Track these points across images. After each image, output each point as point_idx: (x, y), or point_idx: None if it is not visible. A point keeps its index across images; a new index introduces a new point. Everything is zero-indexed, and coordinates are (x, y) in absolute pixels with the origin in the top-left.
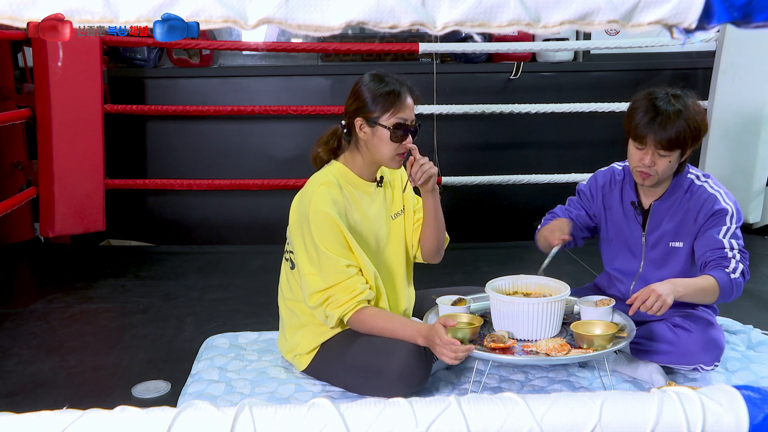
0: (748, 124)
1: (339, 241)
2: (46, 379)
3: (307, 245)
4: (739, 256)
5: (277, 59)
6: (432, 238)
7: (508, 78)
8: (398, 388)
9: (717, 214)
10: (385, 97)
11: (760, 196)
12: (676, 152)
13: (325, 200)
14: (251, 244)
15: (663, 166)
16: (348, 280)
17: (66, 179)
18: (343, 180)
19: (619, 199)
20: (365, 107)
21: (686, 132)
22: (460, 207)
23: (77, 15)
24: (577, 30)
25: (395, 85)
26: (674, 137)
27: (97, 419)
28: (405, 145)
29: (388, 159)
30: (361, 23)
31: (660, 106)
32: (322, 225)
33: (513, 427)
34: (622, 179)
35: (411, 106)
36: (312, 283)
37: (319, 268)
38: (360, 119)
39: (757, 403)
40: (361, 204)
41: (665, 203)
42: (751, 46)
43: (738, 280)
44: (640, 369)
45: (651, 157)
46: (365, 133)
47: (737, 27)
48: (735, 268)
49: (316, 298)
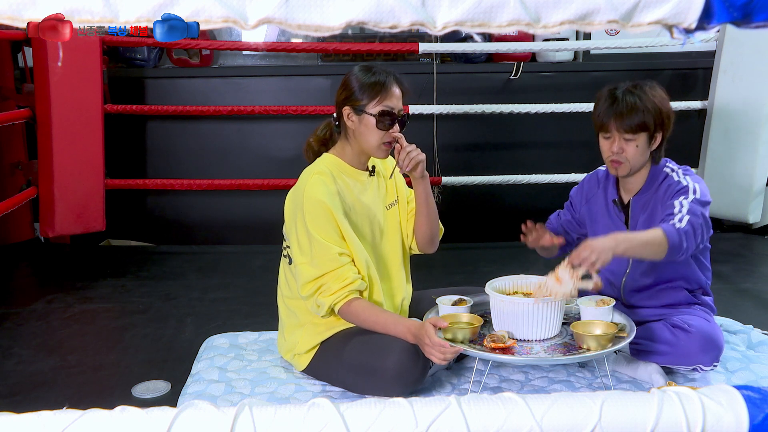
0: (748, 124)
1: (333, 228)
2: (46, 379)
3: (300, 234)
4: (686, 212)
5: (277, 59)
6: (425, 226)
7: (508, 78)
8: (395, 387)
9: (678, 190)
10: (372, 86)
11: (760, 196)
12: (641, 135)
13: (318, 188)
14: (251, 244)
15: (631, 152)
16: (340, 269)
17: (66, 179)
18: (335, 170)
19: (603, 200)
20: (352, 96)
21: (646, 114)
22: (460, 207)
23: (77, 15)
24: (577, 30)
25: (382, 75)
26: (636, 120)
27: (97, 419)
28: (391, 134)
29: (375, 147)
30: (361, 23)
31: (618, 94)
32: (315, 212)
33: (513, 427)
34: (605, 179)
35: (398, 96)
36: (304, 273)
37: (311, 257)
38: (348, 108)
39: (757, 403)
40: (354, 191)
41: (642, 198)
42: (751, 46)
43: (685, 230)
44: (640, 369)
45: (618, 143)
46: (353, 122)
47: (737, 27)
48: (681, 218)
49: (309, 287)
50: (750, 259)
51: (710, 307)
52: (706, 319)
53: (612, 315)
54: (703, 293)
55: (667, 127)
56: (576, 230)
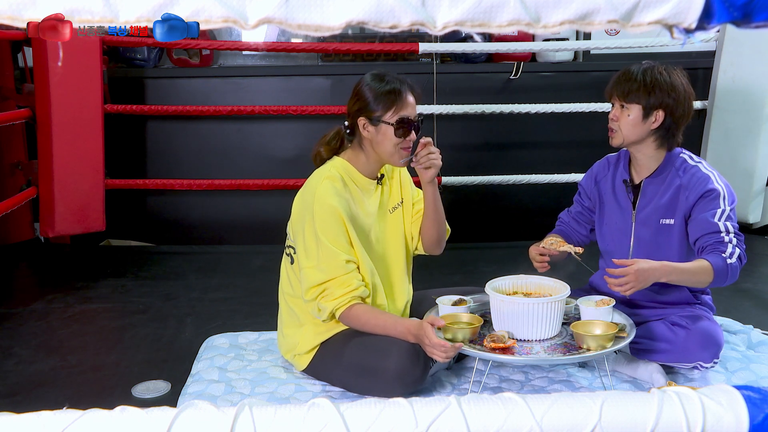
0: (748, 124)
1: (342, 234)
2: (46, 379)
3: (308, 238)
4: (735, 240)
5: (277, 59)
6: (432, 229)
7: (508, 78)
8: (395, 387)
9: (709, 194)
10: (387, 96)
11: (760, 196)
12: (634, 107)
13: (330, 193)
14: (251, 244)
15: (623, 120)
16: (345, 275)
17: (66, 179)
18: (345, 175)
19: (611, 181)
20: (368, 107)
21: (643, 87)
22: (460, 207)
23: (77, 15)
24: (577, 30)
25: (396, 83)
26: (631, 87)
27: (97, 419)
28: (408, 141)
29: (391, 155)
30: (361, 23)
31: (633, 68)
32: (326, 217)
33: (513, 427)
34: (616, 162)
35: (412, 104)
36: (310, 277)
37: (317, 261)
38: (363, 119)
39: (757, 403)
40: (363, 201)
41: (656, 180)
42: (751, 46)
43: (734, 265)
44: (640, 369)
45: (615, 110)
46: (369, 132)
47: (737, 27)
48: (732, 253)
49: (312, 292)
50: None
51: (710, 306)
52: (705, 316)
53: (612, 315)
54: (702, 292)
55: (674, 110)
56: (588, 220)
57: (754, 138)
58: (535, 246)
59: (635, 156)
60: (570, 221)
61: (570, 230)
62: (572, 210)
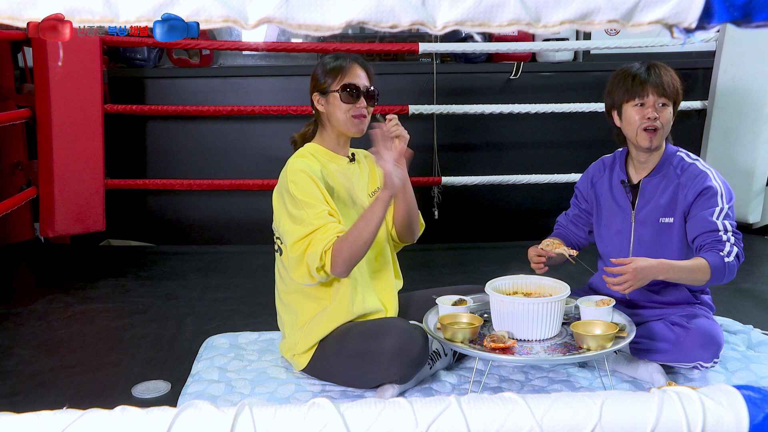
0: (747, 124)
1: (318, 192)
2: (46, 379)
3: (289, 207)
4: (733, 239)
5: (277, 59)
6: (402, 210)
7: (508, 78)
8: (394, 367)
9: (707, 192)
10: (333, 68)
11: (760, 196)
12: (670, 106)
13: (299, 165)
14: (251, 244)
15: (666, 117)
16: (328, 224)
17: (66, 179)
18: (315, 154)
19: (608, 182)
20: (318, 81)
21: (675, 82)
22: (460, 207)
23: (77, 15)
24: (577, 30)
25: (345, 59)
26: (670, 83)
27: (97, 419)
28: (359, 108)
29: (345, 122)
30: (361, 23)
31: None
32: (300, 182)
33: (513, 427)
34: (612, 163)
35: (360, 75)
36: (293, 235)
37: (301, 221)
38: (317, 94)
39: (757, 403)
40: (337, 175)
41: (654, 179)
42: (751, 46)
43: (732, 264)
44: (640, 369)
45: (652, 109)
46: (322, 105)
47: (737, 27)
48: (729, 252)
49: (297, 247)
50: (750, 259)
51: (709, 306)
52: (705, 316)
53: (612, 315)
54: (702, 291)
55: (677, 106)
56: (586, 222)
57: (753, 138)
58: (533, 247)
59: (639, 155)
60: (568, 224)
61: (568, 233)
62: (570, 213)
